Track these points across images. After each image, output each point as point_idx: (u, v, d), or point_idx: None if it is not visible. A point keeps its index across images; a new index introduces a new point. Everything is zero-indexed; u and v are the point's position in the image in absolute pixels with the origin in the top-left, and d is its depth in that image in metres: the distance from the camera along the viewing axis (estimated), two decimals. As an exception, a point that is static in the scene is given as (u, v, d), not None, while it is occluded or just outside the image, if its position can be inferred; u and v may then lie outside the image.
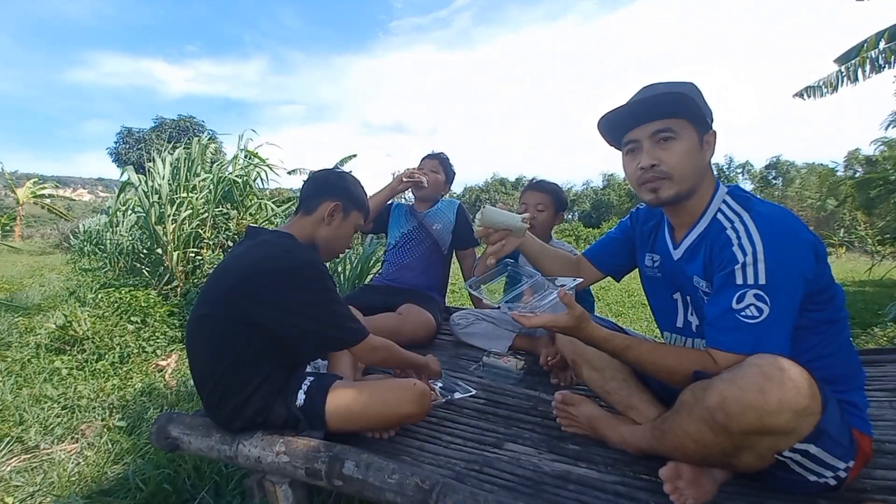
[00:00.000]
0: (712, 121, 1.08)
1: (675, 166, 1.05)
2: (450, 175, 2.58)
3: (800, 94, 6.31)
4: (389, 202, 2.52)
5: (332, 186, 1.36)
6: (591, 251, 1.45)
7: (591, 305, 2.07)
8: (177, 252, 3.61)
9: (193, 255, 3.73)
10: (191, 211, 3.72)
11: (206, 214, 3.84)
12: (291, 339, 1.22)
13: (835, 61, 5.93)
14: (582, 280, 1.20)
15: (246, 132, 4.43)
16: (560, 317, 1.05)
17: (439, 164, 2.51)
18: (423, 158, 2.56)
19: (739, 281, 0.95)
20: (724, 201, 1.07)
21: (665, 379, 1.05)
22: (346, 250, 1.49)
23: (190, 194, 3.80)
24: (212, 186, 3.95)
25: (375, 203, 2.48)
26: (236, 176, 4.12)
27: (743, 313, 0.94)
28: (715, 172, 1.15)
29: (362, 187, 1.44)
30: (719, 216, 1.06)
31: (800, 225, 0.98)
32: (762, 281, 0.93)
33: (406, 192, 2.44)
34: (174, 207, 3.69)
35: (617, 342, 1.06)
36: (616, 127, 1.13)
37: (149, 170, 4.04)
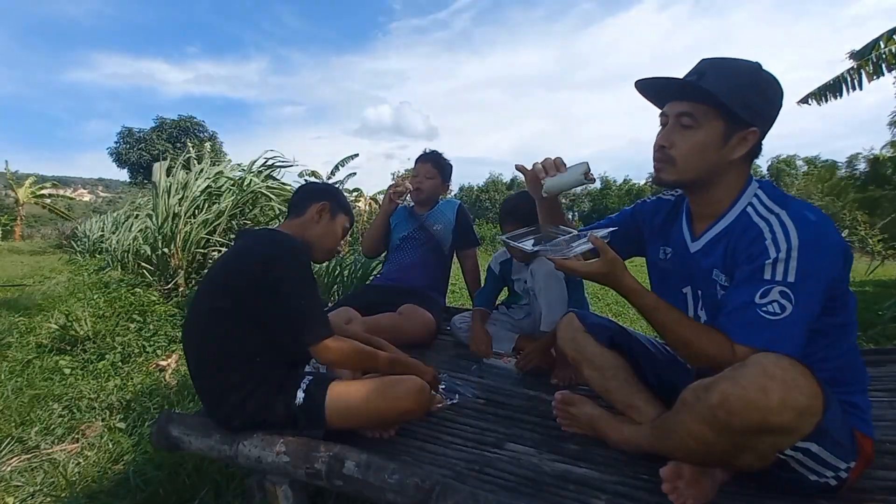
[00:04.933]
0: (762, 118, 1.02)
1: (682, 155, 1.05)
2: (446, 172, 2.55)
3: (804, 100, 6.23)
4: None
5: (321, 192, 1.50)
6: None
7: (586, 305, 2.05)
8: (185, 253, 3.63)
9: (201, 255, 3.76)
10: (208, 217, 3.79)
11: (220, 220, 3.88)
12: (277, 329, 1.22)
13: (851, 58, 5.81)
14: (615, 228, 1.23)
15: (264, 151, 4.63)
16: (593, 263, 1.06)
17: (433, 167, 2.49)
18: (417, 161, 2.54)
19: (768, 276, 0.94)
20: (756, 196, 1.06)
21: (680, 350, 1.06)
22: (338, 249, 1.58)
23: (202, 197, 3.87)
24: (233, 195, 4.06)
25: (377, 229, 2.51)
26: (261, 188, 4.20)
27: (764, 308, 0.93)
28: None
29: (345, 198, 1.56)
30: (749, 210, 1.05)
31: (834, 228, 0.98)
32: (791, 279, 0.92)
33: (406, 197, 2.44)
34: (189, 213, 3.76)
35: (648, 301, 1.06)
36: (658, 93, 1.11)
37: (157, 173, 4.12)
